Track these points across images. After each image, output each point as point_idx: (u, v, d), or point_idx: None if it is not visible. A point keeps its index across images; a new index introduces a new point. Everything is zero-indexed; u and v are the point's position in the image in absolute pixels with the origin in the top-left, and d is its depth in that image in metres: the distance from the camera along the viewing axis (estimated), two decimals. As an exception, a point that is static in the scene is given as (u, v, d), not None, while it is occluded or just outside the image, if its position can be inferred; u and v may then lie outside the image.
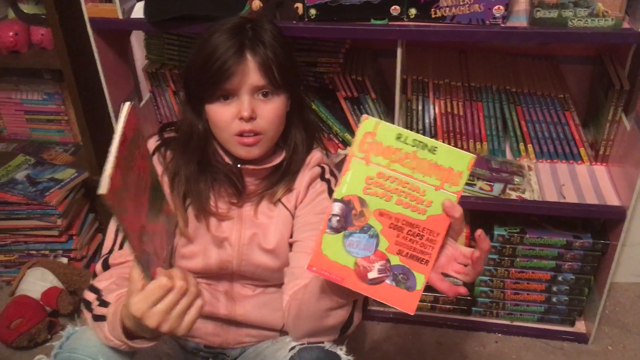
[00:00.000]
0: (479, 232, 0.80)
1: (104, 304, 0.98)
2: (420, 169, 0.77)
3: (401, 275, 0.80)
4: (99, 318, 0.96)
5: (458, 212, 0.79)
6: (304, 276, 1.04)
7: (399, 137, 0.76)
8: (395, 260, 0.79)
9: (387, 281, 0.80)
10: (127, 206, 0.73)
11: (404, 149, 0.76)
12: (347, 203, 0.78)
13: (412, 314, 0.81)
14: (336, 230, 0.79)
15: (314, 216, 1.12)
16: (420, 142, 0.76)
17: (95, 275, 1.08)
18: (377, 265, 0.80)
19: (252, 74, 1.05)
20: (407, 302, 0.80)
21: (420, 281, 0.80)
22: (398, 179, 0.77)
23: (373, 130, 0.77)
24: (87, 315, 0.99)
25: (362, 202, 0.78)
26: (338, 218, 0.79)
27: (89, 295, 1.01)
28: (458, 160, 0.78)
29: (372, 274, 0.80)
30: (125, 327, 0.89)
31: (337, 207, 0.79)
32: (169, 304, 0.81)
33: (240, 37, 1.05)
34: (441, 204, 0.79)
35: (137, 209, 0.77)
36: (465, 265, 0.83)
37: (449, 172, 0.78)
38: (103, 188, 0.67)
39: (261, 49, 1.05)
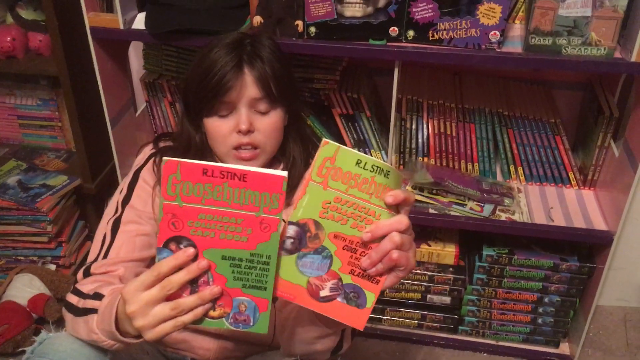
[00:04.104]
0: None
1: (97, 296, 0.96)
2: (377, 194, 0.77)
3: (352, 293, 0.81)
4: (87, 312, 0.94)
5: (403, 224, 0.78)
6: None
7: (358, 163, 0.76)
8: (347, 279, 0.81)
9: (339, 299, 0.82)
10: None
11: (363, 175, 0.76)
12: (302, 226, 0.79)
13: (362, 329, 0.83)
14: (290, 252, 0.80)
15: None
16: (378, 167, 0.76)
17: (76, 282, 1.06)
18: (329, 284, 0.81)
19: (249, 87, 1.06)
20: (357, 319, 0.83)
21: (371, 299, 0.82)
22: (355, 204, 0.78)
23: (332, 156, 0.76)
24: (68, 316, 0.98)
25: (318, 225, 0.79)
26: (292, 240, 0.80)
27: (73, 298, 1.00)
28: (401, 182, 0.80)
29: (324, 292, 0.82)
30: (116, 321, 0.87)
31: (291, 230, 0.79)
32: (150, 296, 0.78)
33: (238, 51, 1.07)
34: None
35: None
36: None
37: None
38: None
39: (259, 64, 1.07)
